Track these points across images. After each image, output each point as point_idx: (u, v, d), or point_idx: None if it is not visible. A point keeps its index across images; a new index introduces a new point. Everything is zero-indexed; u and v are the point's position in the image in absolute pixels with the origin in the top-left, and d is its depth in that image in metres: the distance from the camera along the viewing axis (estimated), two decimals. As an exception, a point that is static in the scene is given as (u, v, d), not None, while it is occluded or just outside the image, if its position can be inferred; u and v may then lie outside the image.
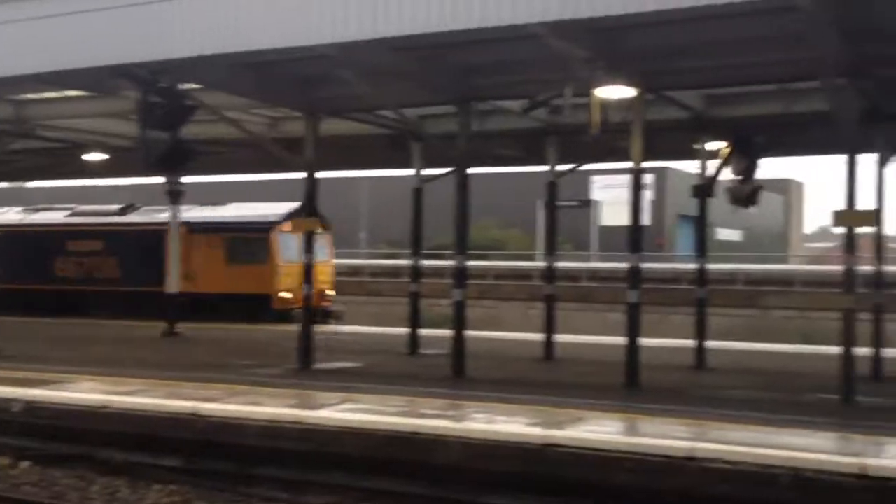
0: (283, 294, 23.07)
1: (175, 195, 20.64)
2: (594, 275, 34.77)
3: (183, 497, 9.88)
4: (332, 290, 25.35)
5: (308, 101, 14.40)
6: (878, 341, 13.72)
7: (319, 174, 14.86)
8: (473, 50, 12.20)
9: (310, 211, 14.58)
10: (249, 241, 24.31)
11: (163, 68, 12.67)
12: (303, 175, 14.69)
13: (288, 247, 22.50)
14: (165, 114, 13.06)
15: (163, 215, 23.17)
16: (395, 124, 15.96)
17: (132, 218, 26.54)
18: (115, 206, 27.21)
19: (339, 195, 58.16)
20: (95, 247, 26.07)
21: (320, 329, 16.76)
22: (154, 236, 24.37)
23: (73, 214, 27.53)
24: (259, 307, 23.19)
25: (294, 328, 15.31)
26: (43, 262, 26.47)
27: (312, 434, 10.01)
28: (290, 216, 22.66)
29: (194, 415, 10.59)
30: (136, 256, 25.45)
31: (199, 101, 13.99)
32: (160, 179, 20.63)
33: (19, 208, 29.62)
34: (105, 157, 20.48)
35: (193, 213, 24.25)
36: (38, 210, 28.94)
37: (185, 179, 20.84)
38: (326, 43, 10.68)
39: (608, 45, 11.40)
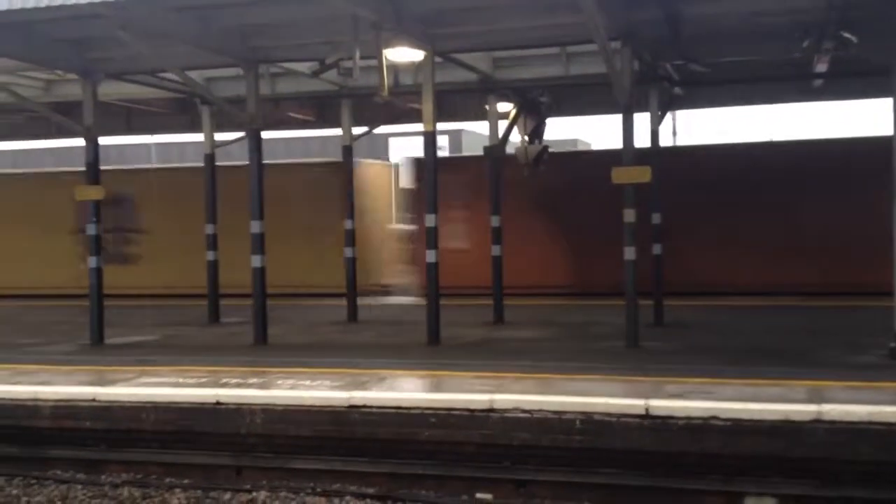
0: None
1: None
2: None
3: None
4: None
5: (84, 63, 13.64)
6: (658, 288, 14.65)
7: (104, 140, 14.18)
8: (253, 10, 11.95)
9: (93, 178, 13.86)
10: None
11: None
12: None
13: None
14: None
15: None
16: (180, 87, 15.39)
17: None
18: None
19: (127, 162, 55.71)
20: None
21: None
22: None
23: None
24: None
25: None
26: None
27: (109, 411, 9.68)
28: None
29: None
30: None
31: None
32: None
33: None
34: None
35: None
36: None
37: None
38: (99, 1, 10.11)
39: (393, 7, 11.47)
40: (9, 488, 9.28)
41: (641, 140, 13.70)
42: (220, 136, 17.69)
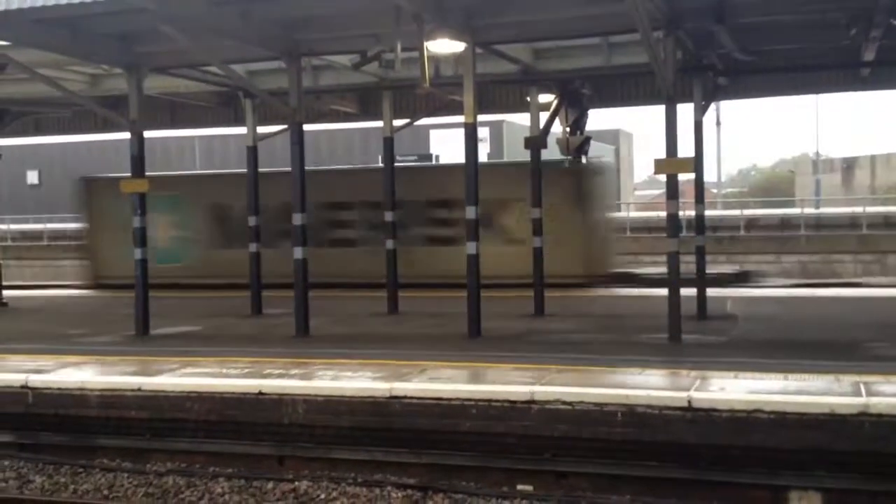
0: None
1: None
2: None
3: (18, 472, 9.54)
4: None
5: (129, 58, 13.81)
6: (700, 282, 14.50)
7: (148, 133, 14.35)
8: (295, 3, 12.01)
9: (138, 171, 14.03)
10: None
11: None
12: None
13: None
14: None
15: None
16: (224, 80, 15.54)
17: None
18: None
19: (171, 155, 56.40)
20: None
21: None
22: None
23: None
24: None
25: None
26: None
27: (153, 401, 9.81)
28: None
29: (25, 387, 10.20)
30: None
31: (9, 59, 13.16)
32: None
33: None
34: None
35: None
36: None
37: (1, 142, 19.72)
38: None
39: (434, -1, 11.48)
40: (57, 476, 9.47)
41: (685, 130, 13.63)
42: (262, 129, 17.83)
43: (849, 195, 44.56)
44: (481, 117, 13.28)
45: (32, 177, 58.90)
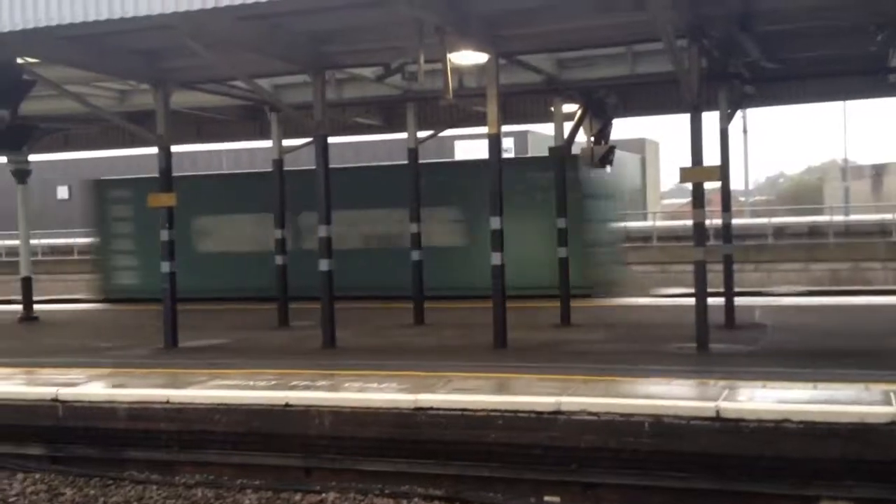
0: None
1: (22, 174, 19.68)
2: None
3: (48, 485, 9.63)
4: None
5: (156, 73, 13.96)
6: (728, 290, 14.41)
7: (175, 148, 14.50)
8: (319, 17, 12.08)
9: (166, 185, 14.16)
10: None
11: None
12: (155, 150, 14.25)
13: None
14: (1, 91, 12.43)
15: None
16: (250, 95, 15.66)
17: None
18: None
19: (200, 169, 56.84)
20: None
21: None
22: None
23: None
24: None
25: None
26: None
27: (182, 413, 9.87)
28: None
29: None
30: None
31: (38, 76, 13.34)
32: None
33: None
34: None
35: None
36: None
37: (31, 158, 19.98)
38: (169, 13, 10.34)
39: (457, 11, 11.49)
40: (87, 489, 9.54)
41: (711, 139, 13.55)
42: (288, 143, 17.95)
43: (878, 202, 44.03)
44: (506, 128, 13.28)
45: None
